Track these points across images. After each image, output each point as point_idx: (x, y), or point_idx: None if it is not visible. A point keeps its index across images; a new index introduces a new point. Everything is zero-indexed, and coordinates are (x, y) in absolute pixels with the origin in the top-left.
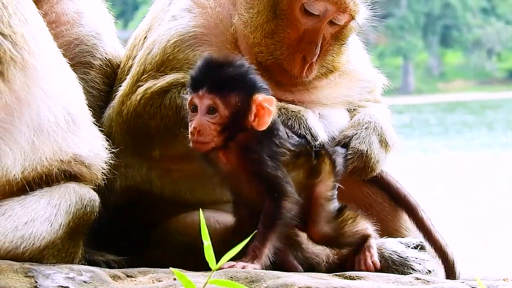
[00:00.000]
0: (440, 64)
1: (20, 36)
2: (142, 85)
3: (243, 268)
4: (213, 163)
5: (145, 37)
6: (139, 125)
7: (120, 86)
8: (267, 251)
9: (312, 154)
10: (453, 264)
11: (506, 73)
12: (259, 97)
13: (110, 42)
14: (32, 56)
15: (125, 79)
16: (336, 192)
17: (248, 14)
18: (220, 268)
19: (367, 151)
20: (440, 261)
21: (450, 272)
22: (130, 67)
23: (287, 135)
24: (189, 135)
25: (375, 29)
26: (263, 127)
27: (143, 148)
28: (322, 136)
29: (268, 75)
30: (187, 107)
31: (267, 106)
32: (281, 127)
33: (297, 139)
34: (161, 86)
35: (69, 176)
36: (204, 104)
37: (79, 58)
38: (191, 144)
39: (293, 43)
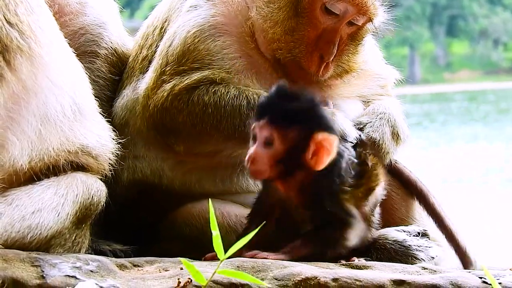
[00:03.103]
0: (446, 54)
1: (26, 25)
2: (167, 80)
3: (264, 258)
4: (270, 187)
5: (162, 27)
6: (166, 120)
7: (134, 74)
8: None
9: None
10: (465, 250)
11: None
12: (320, 135)
13: (115, 31)
14: (39, 45)
15: (138, 68)
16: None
17: (268, 9)
18: (230, 257)
19: (379, 140)
20: (452, 248)
21: (464, 259)
22: (145, 57)
23: (349, 168)
24: (245, 163)
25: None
26: (320, 167)
27: (169, 142)
28: (353, 134)
29: (284, 71)
30: (250, 133)
31: (326, 146)
32: (343, 163)
33: (356, 163)
34: (189, 83)
35: (76, 166)
36: (262, 134)
37: (84, 47)
38: (248, 172)
39: (312, 42)
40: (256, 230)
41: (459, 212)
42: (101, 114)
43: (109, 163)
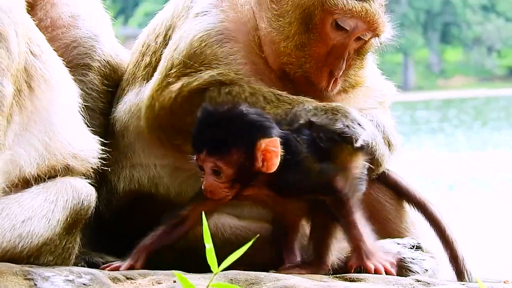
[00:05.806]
0: (440, 61)
1: (46, 54)
2: (173, 82)
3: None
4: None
5: (166, 34)
6: (174, 122)
7: (136, 81)
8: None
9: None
10: (462, 261)
11: (506, 70)
12: (262, 143)
13: (108, 43)
14: (54, 71)
15: (141, 75)
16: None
17: (279, 23)
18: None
19: (371, 142)
20: (448, 257)
21: (459, 269)
22: (148, 63)
23: (301, 145)
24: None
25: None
26: (273, 169)
27: (175, 143)
28: (369, 128)
29: (292, 85)
30: (196, 164)
31: (272, 150)
32: (293, 143)
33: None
34: (198, 85)
35: (67, 170)
36: (207, 166)
37: (77, 60)
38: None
39: (322, 58)
40: (251, 242)
41: (465, 220)
42: (95, 125)
43: (97, 167)
